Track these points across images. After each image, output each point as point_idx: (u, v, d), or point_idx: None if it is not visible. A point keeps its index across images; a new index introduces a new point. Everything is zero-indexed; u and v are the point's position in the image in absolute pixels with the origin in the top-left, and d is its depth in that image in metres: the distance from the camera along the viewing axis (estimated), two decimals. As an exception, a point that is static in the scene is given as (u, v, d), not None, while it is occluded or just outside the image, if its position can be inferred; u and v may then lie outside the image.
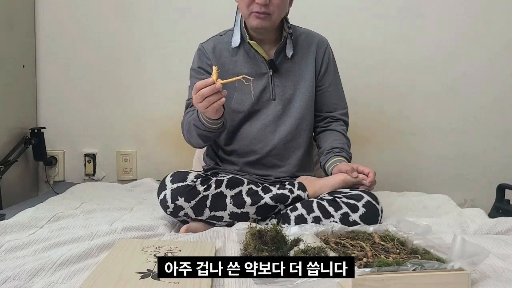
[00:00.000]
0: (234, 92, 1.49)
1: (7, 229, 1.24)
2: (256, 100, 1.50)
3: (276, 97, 1.51)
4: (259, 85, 1.50)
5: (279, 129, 1.51)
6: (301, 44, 1.56)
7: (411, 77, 2.21)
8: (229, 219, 1.34)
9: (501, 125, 2.24)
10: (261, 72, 1.51)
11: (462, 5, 2.19)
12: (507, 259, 1.05)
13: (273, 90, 1.51)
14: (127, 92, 2.20)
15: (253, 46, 1.48)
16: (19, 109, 2.06)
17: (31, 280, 0.93)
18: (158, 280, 0.87)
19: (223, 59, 1.51)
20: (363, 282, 0.84)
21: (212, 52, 1.52)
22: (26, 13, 2.10)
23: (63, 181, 2.19)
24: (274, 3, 1.39)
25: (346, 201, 1.33)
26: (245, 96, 1.49)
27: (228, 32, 1.55)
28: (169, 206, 1.31)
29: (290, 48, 1.51)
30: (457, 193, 2.15)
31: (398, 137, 2.24)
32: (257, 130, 1.51)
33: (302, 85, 1.53)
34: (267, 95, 1.51)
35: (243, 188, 1.36)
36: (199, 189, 1.31)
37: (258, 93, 1.50)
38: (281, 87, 1.51)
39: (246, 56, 1.51)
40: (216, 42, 1.54)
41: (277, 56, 1.51)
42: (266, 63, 1.50)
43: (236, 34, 1.50)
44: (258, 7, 1.38)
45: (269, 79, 1.50)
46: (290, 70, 1.53)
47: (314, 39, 1.58)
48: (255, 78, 1.46)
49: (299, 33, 1.57)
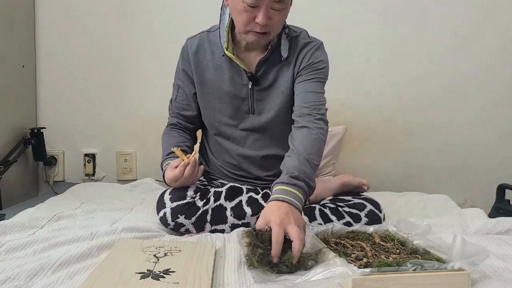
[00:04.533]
0: (216, 101, 1.45)
1: (7, 229, 1.23)
2: (234, 112, 1.44)
3: (255, 111, 1.44)
4: (239, 96, 1.43)
5: (257, 143, 1.46)
6: (291, 48, 1.43)
7: (411, 77, 2.22)
8: (230, 231, 1.31)
9: (501, 125, 2.24)
10: (242, 83, 1.43)
11: (462, 5, 2.19)
12: (507, 259, 1.05)
13: (252, 103, 1.44)
14: (127, 92, 2.20)
15: (234, 59, 1.40)
16: (19, 109, 2.06)
17: (31, 280, 0.92)
18: (158, 280, 0.87)
19: (204, 64, 1.44)
20: (363, 282, 0.84)
21: (195, 54, 1.45)
22: (26, 13, 2.10)
23: (63, 181, 2.19)
24: (275, 21, 1.29)
25: (348, 210, 1.32)
26: (223, 106, 1.45)
27: (217, 30, 1.43)
28: (169, 224, 1.30)
29: (285, 50, 1.41)
30: (457, 193, 2.15)
31: (398, 137, 2.24)
32: (235, 143, 1.47)
33: (280, 98, 1.43)
34: (246, 107, 1.44)
35: (242, 198, 1.34)
36: (198, 205, 1.30)
37: (237, 104, 1.44)
38: (260, 100, 1.43)
39: (229, 63, 1.42)
40: (202, 41, 1.46)
41: (259, 68, 1.41)
42: (246, 75, 1.41)
43: (223, 37, 1.40)
44: (259, 27, 1.28)
45: (249, 91, 1.43)
46: (272, 82, 1.43)
47: (300, 44, 1.43)
48: (235, 88, 1.42)
49: (293, 36, 1.45)
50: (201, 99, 1.48)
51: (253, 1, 1.24)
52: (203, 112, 1.49)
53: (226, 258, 1.07)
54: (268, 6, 1.25)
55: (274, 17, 1.28)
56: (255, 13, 1.26)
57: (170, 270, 0.92)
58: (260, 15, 1.25)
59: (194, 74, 1.46)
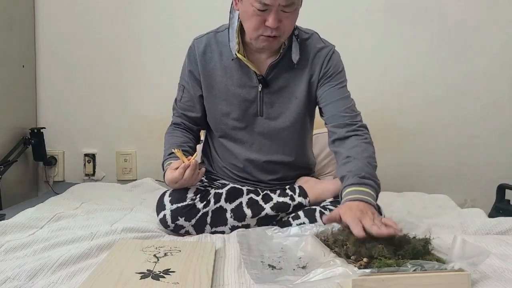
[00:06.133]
0: (223, 102, 1.44)
1: (7, 229, 1.23)
2: (242, 115, 1.43)
3: (263, 114, 1.43)
4: (247, 98, 1.42)
5: (263, 148, 1.45)
6: (302, 52, 1.42)
7: (411, 77, 2.22)
8: (230, 232, 1.31)
9: (501, 125, 2.24)
10: (251, 85, 1.41)
11: (462, 5, 2.19)
12: (507, 259, 1.05)
13: (261, 106, 1.42)
14: (127, 92, 2.20)
15: (245, 62, 1.38)
16: (19, 109, 2.06)
17: (31, 280, 0.92)
18: (158, 280, 0.87)
19: (212, 65, 1.42)
20: (363, 283, 0.84)
21: (202, 55, 1.42)
22: (26, 13, 2.10)
23: (63, 181, 2.19)
24: (286, 24, 1.28)
25: None
26: (230, 108, 1.44)
27: (225, 30, 1.42)
28: (169, 225, 1.30)
29: (296, 53, 1.39)
30: (457, 193, 2.15)
31: (398, 137, 2.24)
32: (241, 146, 1.46)
33: (293, 103, 1.42)
34: (254, 110, 1.43)
35: (242, 199, 1.34)
36: (198, 207, 1.30)
37: (245, 107, 1.42)
38: (270, 103, 1.42)
39: (238, 64, 1.40)
40: (210, 41, 1.43)
41: (270, 71, 1.40)
42: (257, 77, 1.39)
43: (232, 40, 1.38)
44: (270, 31, 1.27)
45: (258, 94, 1.41)
46: (283, 86, 1.41)
47: (313, 49, 1.41)
48: (244, 90, 1.41)
49: (304, 39, 1.42)
50: (207, 101, 1.46)
51: (262, 5, 1.23)
52: (208, 114, 1.47)
53: (226, 258, 1.07)
54: (278, 9, 1.24)
55: (285, 20, 1.27)
56: (265, 16, 1.25)
57: (170, 270, 0.92)
58: (270, 18, 1.24)
59: (201, 76, 1.44)
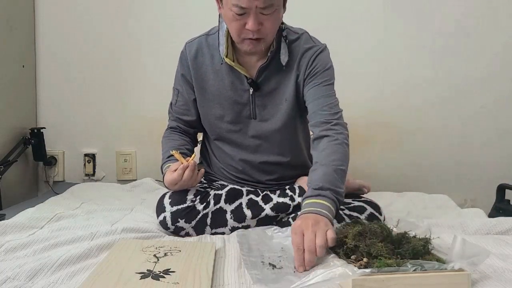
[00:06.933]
0: (216, 106, 1.43)
1: (7, 229, 1.23)
2: (235, 117, 1.43)
3: (257, 116, 1.42)
4: (240, 101, 1.42)
5: (259, 149, 1.45)
6: (291, 53, 1.40)
7: (411, 77, 2.21)
8: (230, 233, 1.31)
9: (501, 125, 2.24)
10: (243, 88, 1.40)
11: (463, 5, 2.19)
12: (507, 259, 1.05)
13: (254, 108, 1.42)
14: (127, 92, 2.20)
15: (233, 66, 1.37)
16: (19, 109, 2.06)
17: (31, 280, 0.92)
18: (158, 280, 0.87)
19: (204, 69, 1.42)
20: (363, 283, 0.84)
21: (194, 59, 1.42)
22: (26, 13, 2.10)
23: (62, 181, 2.19)
24: (267, 26, 1.26)
25: (349, 213, 1.31)
26: (224, 112, 1.43)
27: (216, 33, 1.41)
28: (169, 227, 1.30)
29: (285, 54, 1.38)
30: (457, 193, 2.15)
31: (398, 137, 2.24)
32: (236, 148, 1.46)
33: (284, 105, 1.41)
34: (247, 113, 1.43)
35: (242, 200, 1.34)
36: (198, 209, 1.30)
37: (238, 110, 1.42)
38: (262, 106, 1.41)
39: (229, 68, 1.39)
40: (201, 45, 1.43)
41: (260, 74, 1.39)
42: (247, 81, 1.39)
43: (222, 44, 1.37)
44: (251, 33, 1.26)
45: (250, 97, 1.41)
46: (273, 88, 1.41)
47: (301, 50, 1.39)
48: (236, 93, 1.41)
49: (292, 40, 1.40)
50: (201, 105, 1.46)
51: (239, 9, 1.22)
52: (203, 117, 1.47)
53: (226, 258, 1.07)
54: (256, 11, 1.23)
55: (265, 22, 1.25)
56: (245, 20, 1.25)
57: (170, 270, 0.92)
58: (250, 21, 1.24)
59: (193, 80, 1.44)
